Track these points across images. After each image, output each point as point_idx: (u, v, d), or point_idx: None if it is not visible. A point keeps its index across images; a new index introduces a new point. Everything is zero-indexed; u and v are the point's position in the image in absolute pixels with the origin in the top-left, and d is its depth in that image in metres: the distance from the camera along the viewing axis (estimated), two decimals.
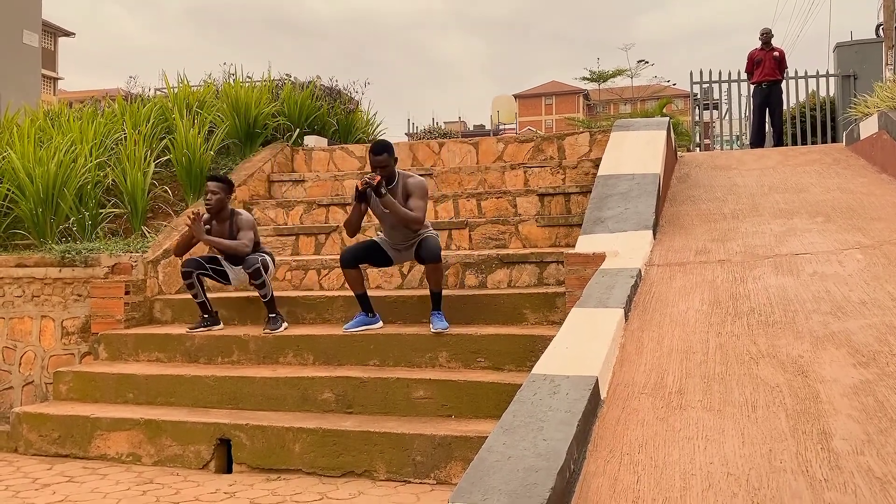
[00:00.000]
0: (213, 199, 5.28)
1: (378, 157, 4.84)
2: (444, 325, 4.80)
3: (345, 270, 4.98)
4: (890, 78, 9.56)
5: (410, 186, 4.90)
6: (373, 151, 4.88)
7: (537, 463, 2.26)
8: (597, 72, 28.44)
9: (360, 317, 5.07)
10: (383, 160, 4.84)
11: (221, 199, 5.29)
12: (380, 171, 4.84)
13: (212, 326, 5.40)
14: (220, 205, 5.30)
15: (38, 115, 8.58)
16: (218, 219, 5.35)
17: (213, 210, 5.29)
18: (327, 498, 3.84)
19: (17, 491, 4.11)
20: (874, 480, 2.22)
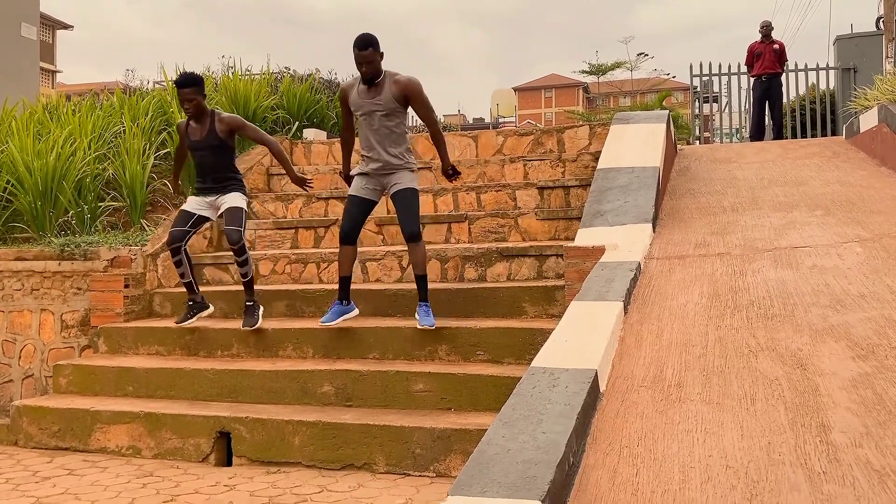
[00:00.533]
0: (191, 107, 4.99)
1: (363, 52, 4.50)
2: (431, 322, 4.59)
3: (344, 248, 4.78)
4: (890, 71, 9.55)
5: (405, 86, 4.59)
6: (357, 46, 4.52)
7: (537, 456, 2.27)
8: (596, 64, 28.37)
9: (336, 306, 4.86)
10: (369, 55, 4.51)
11: (199, 103, 5.01)
12: (366, 68, 4.53)
13: (200, 313, 5.19)
14: (199, 108, 5.03)
15: (36, 108, 8.56)
16: (196, 120, 5.08)
17: (195, 115, 5.05)
18: (327, 490, 3.85)
19: (17, 484, 4.12)
20: (872, 473, 2.22)
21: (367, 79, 4.59)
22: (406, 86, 4.60)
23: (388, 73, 4.66)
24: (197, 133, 5.07)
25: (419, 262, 4.63)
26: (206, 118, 5.07)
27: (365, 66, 4.54)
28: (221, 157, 5.13)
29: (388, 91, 4.60)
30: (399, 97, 4.60)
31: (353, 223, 4.79)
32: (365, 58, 4.52)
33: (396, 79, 4.61)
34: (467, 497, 2.09)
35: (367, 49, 4.51)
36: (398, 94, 4.59)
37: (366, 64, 4.53)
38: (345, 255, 4.81)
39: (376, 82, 4.60)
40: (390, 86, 4.60)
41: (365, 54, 4.51)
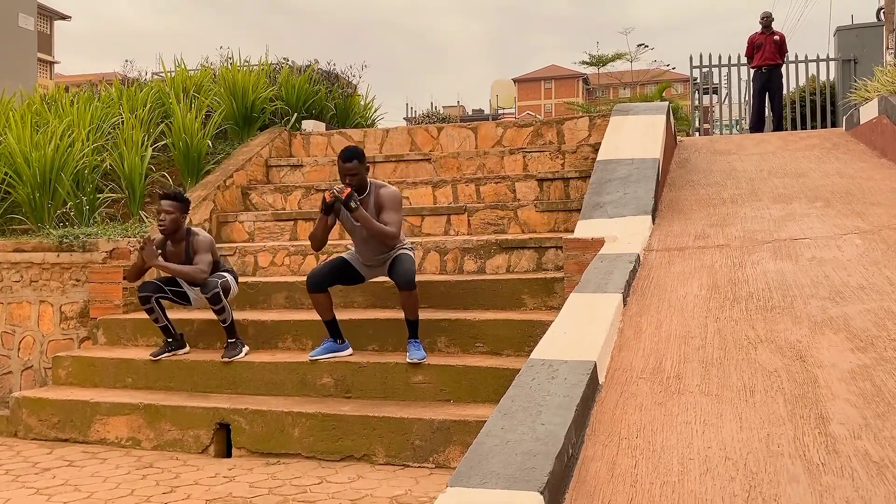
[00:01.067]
0: (166, 220, 4.85)
1: (347, 164, 4.48)
2: (421, 355, 4.45)
3: (312, 295, 4.60)
4: (890, 62, 9.53)
5: (383, 198, 4.55)
6: (342, 158, 4.51)
7: (536, 447, 2.27)
8: (596, 56, 28.31)
9: (328, 343, 4.69)
10: (353, 168, 4.48)
11: (176, 219, 4.87)
12: (350, 180, 4.48)
13: (177, 350, 5.02)
14: (175, 225, 4.88)
15: (34, 99, 8.53)
16: (173, 239, 4.94)
17: (168, 231, 4.89)
18: (326, 482, 3.86)
19: (17, 475, 4.13)
20: (871, 464, 2.23)
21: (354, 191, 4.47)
22: (385, 195, 4.55)
23: (374, 185, 4.62)
24: (175, 257, 4.93)
25: (412, 309, 4.51)
26: (181, 240, 4.94)
27: (349, 178, 4.48)
28: None
29: (373, 205, 4.55)
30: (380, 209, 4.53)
31: (327, 277, 4.63)
32: (349, 170, 4.47)
33: (379, 192, 4.58)
34: (466, 488, 2.09)
35: (352, 161, 4.47)
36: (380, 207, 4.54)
37: (349, 176, 4.48)
38: (319, 302, 4.62)
39: (361, 197, 4.53)
40: (375, 200, 4.56)
41: (349, 166, 4.47)
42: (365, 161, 4.57)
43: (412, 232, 6.28)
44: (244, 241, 6.62)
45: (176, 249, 4.95)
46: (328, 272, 4.66)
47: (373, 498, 3.60)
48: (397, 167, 7.24)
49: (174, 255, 4.93)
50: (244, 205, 7.10)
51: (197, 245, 4.90)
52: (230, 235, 6.71)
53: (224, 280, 4.90)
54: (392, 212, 4.53)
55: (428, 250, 5.69)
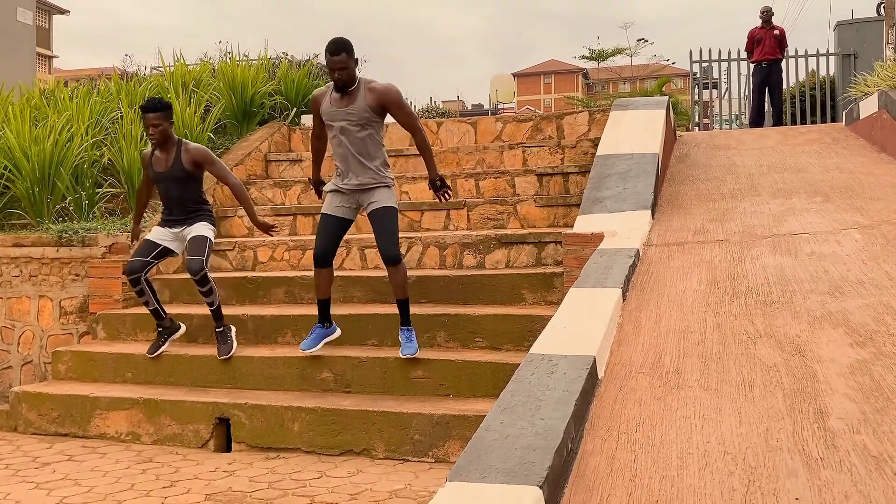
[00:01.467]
0: (156, 133, 4.71)
1: (335, 57, 4.17)
2: (413, 349, 4.30)
3: (319, 270, 4.45)
4: (890, 57, 9.51)
5: (384, 97, 4.27)
6: (329, 51, 4.18)
7: (535, 442, 2.27)
8: (596, 50, 28.23)
9: (317, 329, 4.56)
10: (341, 61, 4.17)
11: (164, 130, 4.73)
12: (338, 74, 4.20)
13: (172, 336, 4.97)
14: (165, 135, 4.74)
15: (33, 94, 8.52)
16: (163, 148, 4.80)
17: (159, 142, 4.76)
18: (326, 476, 3.87)
19: (17, 469, 4.14)
20: (870, 459, 2.23)
21: (340, 86, 4.26)
22: (383, 93, 4.29)
23: (363, 81, 4.35)
24: (161, 163, 4.81)
25: (400, 286, 4.33)
26: (171, 147, 4.80)
27: (337, 72, 4.21)
28: (188, 189, 4.85)
29: (363, 100, 4.28)
30: (375, 106, 4.28)
31: (327, 245, 4.46)
32: (337, 63, 4.19)
33: (372, 86, 4.29)
34: (466, 482, 2.10)
35: (340, 54, 4.19)
36: (374, 103, 4.27)
37: (338, 70, 4.21)
38: (321, 277, 4.50)
39: (350, 90, 4.29)
40: (365, 94, 4.28)
41: (337, 59, 4.19)
42: (354, 53, 4.25)
43: (411, 227, 6.28)
44: (243, 235, 6.62)
45: (165, 157, 4.80)
46: (329, 240, 4.47)
47: (372, 492, 3.61)
48: (397, 162, 7.23)
49: (163, 163, 4.80)
50: None
51: (199, 156, 4.78)
52: (229, 230, 6.70)
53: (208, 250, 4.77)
54: (406, 109, 4.39)
55: (427, 245, 5.69)
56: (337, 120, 4.33)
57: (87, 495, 3.70)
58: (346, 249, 5.90)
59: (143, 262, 4.80)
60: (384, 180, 4.42)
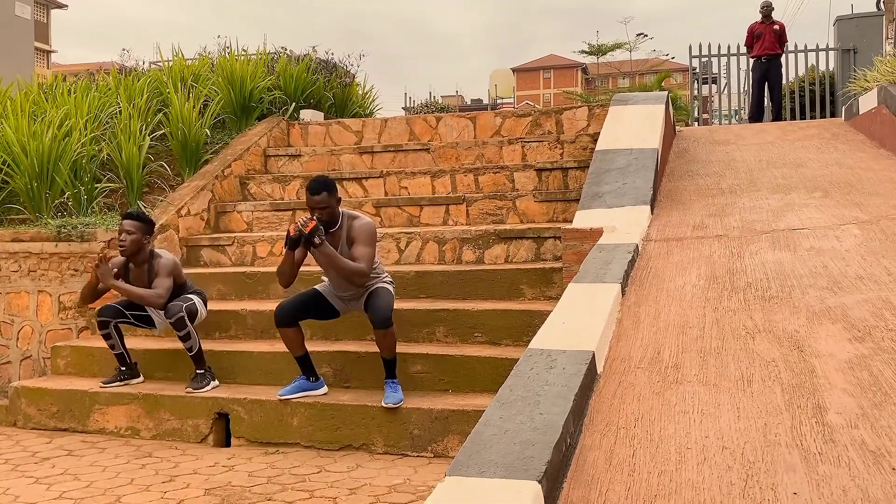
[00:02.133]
0: (127, 241, 4.55)
1: (316, 196, 4.08)
2: (398, 398, 4.10)
3: (281, 330, 4.25)
4: (890, 52, 9.50)
5: (356, 230, 4.18)
6: (309, 190, 4.10)
7: (534, 437, 2.27)
8: (595, 45, 28.23)
9: (300, 380, 4.35)
10: (322, 200, 4.08)
11: (137, 241, 4.57)
12: (319, 214, 4.09)
13: (129, 380, 4.81)
14: (136, 246, 4.58)
15: (31, 89, 8.50)
16: (135, 262, 4.66)
17: (128, 252, 4.60)
18: (325, 471, 3.87)
19: (16, 464, 4.14)
20: (868, 454, 2.23)
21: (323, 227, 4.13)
22: (357, 227, 4.19)
23: (346, 216, 4.25)
24: (137, 281, 4.67)
25: (388, 348, 4.17)
26: (143, 263, 4.66)
27: (318, 211, 4.10)
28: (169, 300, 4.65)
29: (346, 239, 4.20)
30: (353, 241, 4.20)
31: (297, 311, 4.28)
32: (318, 203, 4.09)
33: (353, 223, 4.22)
34: (465, 477, 2.10)
35: (321, 193, 4.08)
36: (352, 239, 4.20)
37: (319, 210, 4.09)
38: (288, 337, 4.26)
39: (332, 231, 4.19)
40: (347, 231, 4.20)
41: (318, 199, 4.08)
42: (336, 192, 4.19)
43: (410, 222, 6.28)
44: (243, 230, 6.62)
45: (138, 273, 4.67)
46: (298, 306, 4.30)
47: (371, 487, 3.62)
48: (396, 157, 7.22)
49: (136, 280, 4.66)
50: (242, 195, 7.09)
51: (158, 268, 4.61)
52: (228, 225, 6.70)
53: (190, 304, 4.63)
54: (363, 246, 4.16)
55: (427, 240, 5.69)
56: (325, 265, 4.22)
57: (86, 490, 3.71)
58: None
59: (117, 309, 4.72)
60: (381, 280, 4.36)
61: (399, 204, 6.37)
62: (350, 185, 6.85)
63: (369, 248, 4.19)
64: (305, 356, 4.34)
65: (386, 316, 4.11)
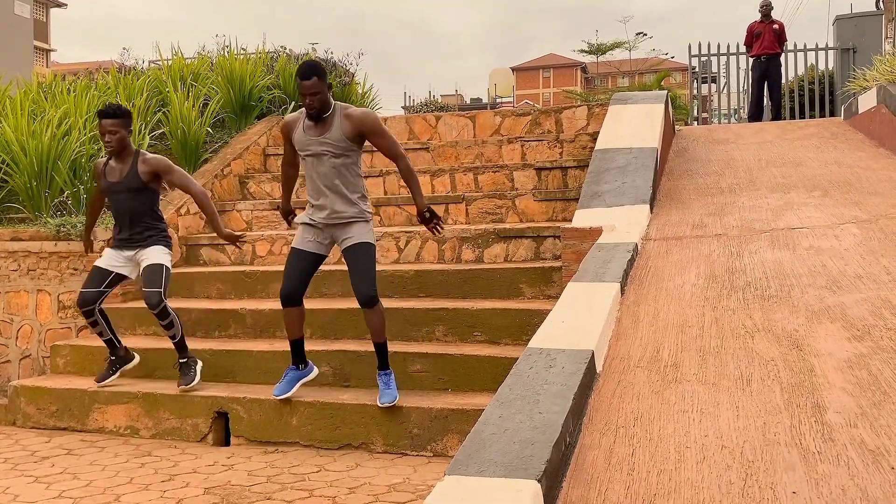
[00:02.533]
0: (112, 140, 4.42)
1: (306, 81, 3.90)
2: (392, 397, 3.99)
3: (288, 309, 4.12)
4: (889, 51, 9.50)
5: (362, 124, 4.01)
6: (300, 75, 3.91)
7: (533, 436, 2.27)
8: (595, 44, 28.18)
9: (290, 372, 4.25)
10: (313, 85, 3.90)
11: (122, 138, 4.44)
12: (310, 100, 3.93)
13: (124, 367, 4.74)
14: (122, 143, 4.46)
15: (31, 88, 8.49)
16: (119, 157, 4.52)
17: (116, 150, 4.47)
18: (325, 470, 3.87)
19: (15, 463, 4.14)
20: (867, 453, 2.24)
21: (314, 114, 3.99)
22: (360, 120, 4.02)
23: (339, 107, 4.07)
24: (116, 174, 4.52)
25: (377, 330, 4.02)
26: (128, 157, 4.51)
27: (309, 97, 3.93)
28: (142, 203, 4.54)
29: (339, 127, 4.00)
30: (352, 134, 4.01)
31: (296, 282, 4.12)
32: (309, 88, 3.90)
33: (348, 112, 4.03)
34: (464, 476, 2.10)
35: (311, 78, 3.90)
36: (351, 131, 4.01)
37: (310, 96, 3.92)
38: (291, 317, 4.15)
39: (324, 117, 4.01)
40: (341, 121, 4.01)
41: (308, 84, 3.90)
42: (327, 78, 3.99)
43: (410, 221, 6.28)
44: (242, 229, 6.61)
45: (121, 167, 4.51)
46: (297, 277, 4.13)
47: (371, 486, 3.62)
48: None
49: (118, 173, 4.52)
50: (242, 193, 7.09)
51: (158, 166, 4.49)
52: (228, 224, 6.69)
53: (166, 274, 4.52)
54: (386, 136, 4.07)
55: (426, 239, 5.69)
56: (310, 149, 4.05)
57: (85, 489, 3.71)
58: None
59: (95, 292, 4.55)
60: (362, 214, 4.12)
61: (398, 203, 6.36)
62: None
63: (391, 135, 4.12)
64: (301, 341, 4.24)
65: (370, 293, 3.97)
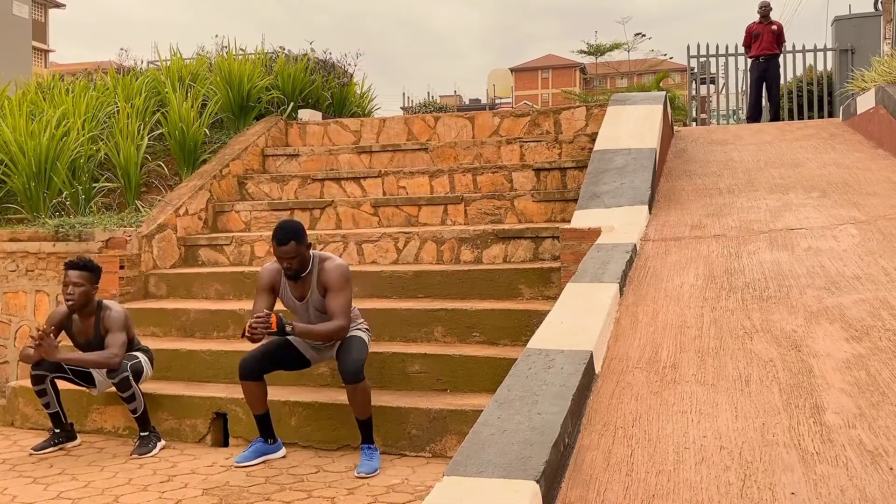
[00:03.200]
0: (75, 293, 4.24)
1: (283, 247, 3.83)
2: (372, 468, 3.75)
3: (244, 383, 3.95)
4: (888, 52, 9.51)
5: (329, 275, 3.91)
6: (276, 240, 3.83)
7: (532, 436, 2.28)
8: (594, 45, 28.18)
9: (257, 443, 4.04)
10: (291, 250, 3.83)
11: (86, 292, 4.28)
12: (289, 264, 3.88)
13: (64, 444, 4.40)
14: (85, 299, 4.28)
15: (29, 88, 8.48)
16: (81, 314, 4.35)
17: (77, 306, 4.28)
18: (323, 471, 3.87)
19: (14, 464, 4.14)
20: (865, 453, 2.24)
21: (292, 275, 3.95)
22: (330, 271, 3.93)
23: (318, 259, 4.01)
24: (82, 333, 4.39)
25: (361, 406, 3.86)
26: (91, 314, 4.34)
27: (287, 261, 3.88)
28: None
29: (317, 285, 3.97)
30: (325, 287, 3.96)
31: (262, 362, 4.00)
32: (287, 253, 3.85)
33: (324, 265, 3.97)
34: (463, 477, 2.10)
35: (289, 243, 3.83)
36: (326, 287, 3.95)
37: (288, 260, 3.87)
38: (251, 392, 3.98)
39: (302, 276, 3.98)
40: (318, 276, 3.96)
41: (286, 250, 3.84)
42: (305, 238, 3.91)
43: (409, 222, 6.28)
44: (240, 230, 6.61)
45: (84, 325, 4.37)
46: (265, 355, 4.01)
47: (369, 487, 3.62)
48: (394, 156, 7.22)
49: (81, 333, 4.38)
50: (240, 194, 7.08)
51: (109, 322, 4.27)
52: (226, 225, 6.70)
53: (136, 362, 4.32)
54: (338, 294, 3.91)
55: (425, 240, 5.69)
56: (298, 308, 4.07)
57: (84, 490, 3.71)
58: (344, 244, 5.90)
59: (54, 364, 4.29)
60: (355, 327, 4.07)
61: (397, 203, 6.37)
62: (348, 184, 6.85)
63: (345, 295, 3.92)
64: (267, 415, 4.06)
65: (356, 369, 3.81)
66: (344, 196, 6.76)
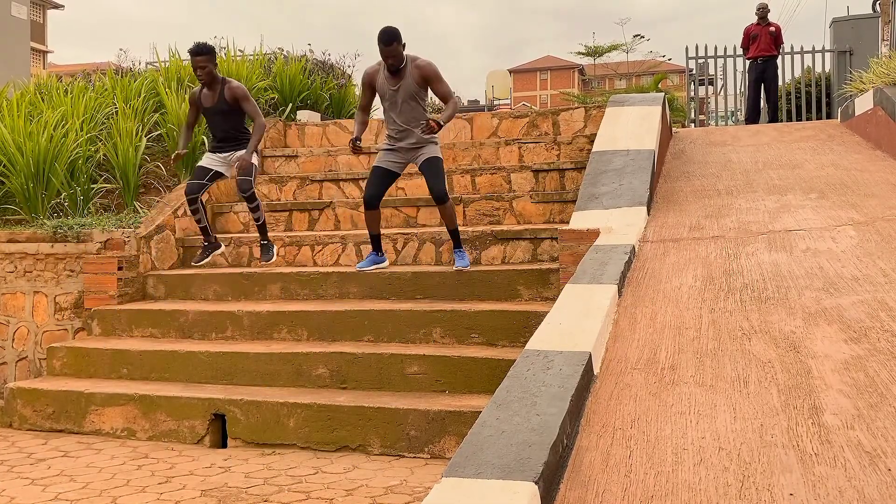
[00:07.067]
0: (203, 74, 5.30)
1: (388, 47, 4.85)
2: (464, 264, 5.10)
3: (368, 212, 5.18)
4: (886, 54, 9.52)
5: (427, 71, 4.98)
6: (382, 41, 4.86)
7: (530, 438, 2.27)
8: (592, 46, 28.21)
9: (372, 256, 5.38)
10: (393, 50, 4.87)
11: (211, 70, 5.31)
12: (391, 61, 4.90)
13: (215, 251, 5.70)
14: (211, 76, 5.33)
15: (28, 89, 8.47)
16: (209, 87, 5.39)
17: (207, 82, 5.36)
18: (322, 472, 3.87)
19: (12, 465, 4.13)
20: (864, 454, 2.24)
21: (392, 68, 4.96)
22: (425, 70, 4.99)
23: (409, 58, 5.02)
24: (209, 99, 5.38)
25: (449, 219, 5.10)
26: (217, 85, 5.36)
27: (391, 59, 4.91)
28: (231, 120, 5.41)
29: (411, 77, 4.98)
30: (420, 81, 5.00)
31: (376, 191, 5.18)
32: (390, 52, 4.88)
33: (417, 63, 4.99)
34: (462, 478, 2.10)
35: (392, 44, 4.85)
36: (419, 79, 4.99)
37: (391, 58, 4.90)
38: (371, 217, 5.24)
39: (399, 69, 4.97)
40: (412, 71, 4.98)
41: (390, 49, 4.87)
42: (402, 39, 4.89)
43: (407, 223, 6.28)
44: (239, 231, 6.61)
45: (211, 94, 5.39)
46: (377, 186, 5.16)
47: (368, 488, 3.61)
48: None
49: (209, 98, 5.39)
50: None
51: (236, 91, 5.30)
52: (225, 226, 6.69)
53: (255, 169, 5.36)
54: (441, 81, 5.03)
55: (424, 241, 5.69)
56: (392, 97, 5.05)
57: (82, 491, 3.70)
58: (342, 245, 5.90)
59: (199, 184, 5.40)
60: (433, 139, 5.14)
61: (396, 205, 6.36)
62: (347, 185, 6.84)
63: (444, 81, 5.07)
64: (379, 235, 5.35)
65: (442, 191, 5.01)
66: (343, 197, 6.76)
